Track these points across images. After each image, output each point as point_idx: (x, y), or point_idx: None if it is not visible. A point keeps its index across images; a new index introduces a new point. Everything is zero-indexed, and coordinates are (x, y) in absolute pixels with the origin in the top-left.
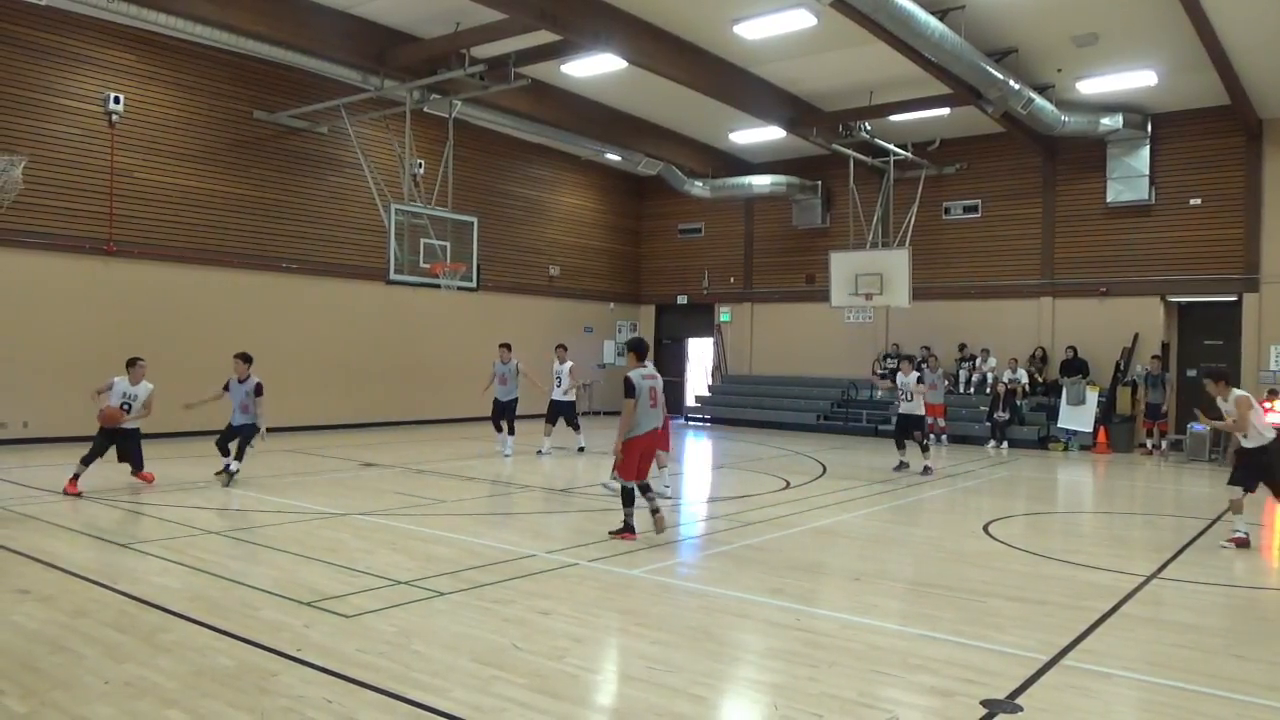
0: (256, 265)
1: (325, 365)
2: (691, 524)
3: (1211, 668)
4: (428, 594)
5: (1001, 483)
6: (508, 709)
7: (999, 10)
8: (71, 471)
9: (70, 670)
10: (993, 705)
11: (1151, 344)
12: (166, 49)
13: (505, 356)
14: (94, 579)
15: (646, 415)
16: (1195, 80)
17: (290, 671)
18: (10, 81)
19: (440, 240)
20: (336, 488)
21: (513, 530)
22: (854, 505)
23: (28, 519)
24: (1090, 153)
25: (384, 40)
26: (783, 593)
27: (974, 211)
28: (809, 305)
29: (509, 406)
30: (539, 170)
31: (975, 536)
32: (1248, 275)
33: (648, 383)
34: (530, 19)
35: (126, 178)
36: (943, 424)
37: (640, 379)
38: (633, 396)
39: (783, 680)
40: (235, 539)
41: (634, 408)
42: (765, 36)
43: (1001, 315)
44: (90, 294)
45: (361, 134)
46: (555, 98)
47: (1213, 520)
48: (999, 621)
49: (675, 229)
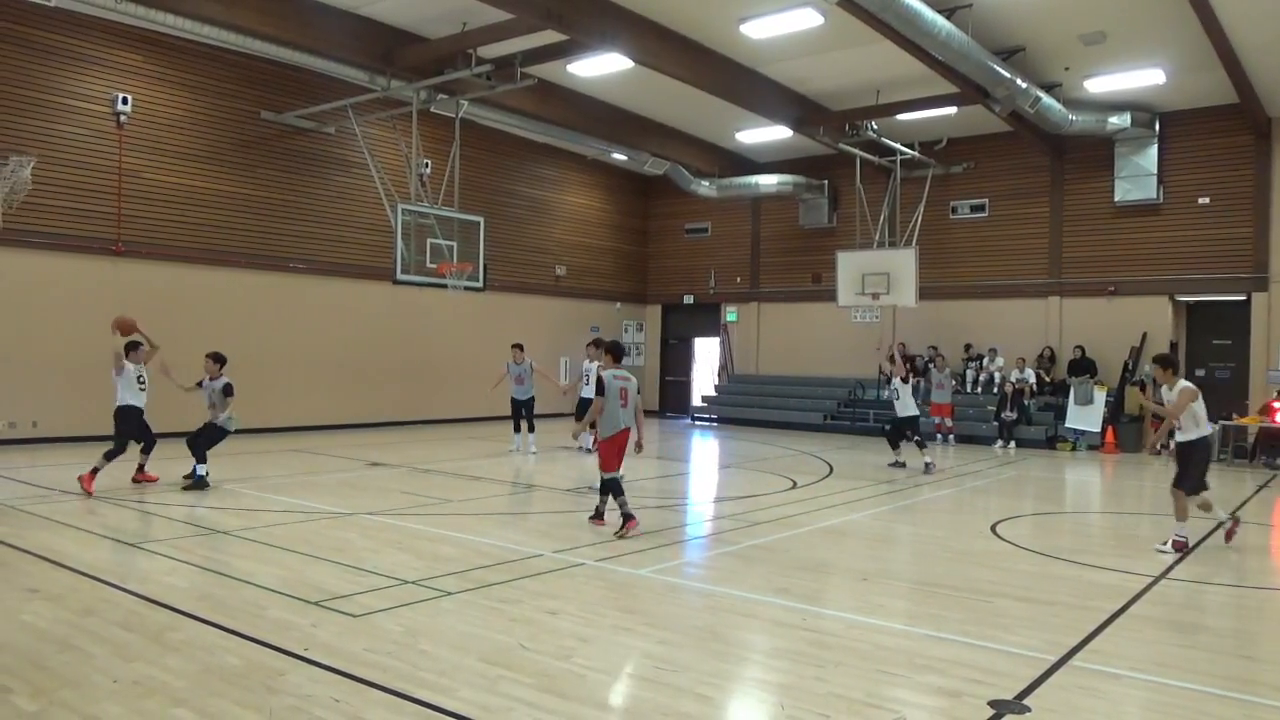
0: (264, 265)
1: (332, 365)
2: (698, 524)
3: (1220, 668)
4: (435, 594)
5: (1009, 483)
6: (515, 708)
7: (1006, 9)
8: (90, 466)
9: (79, 669)
10: (1000, 706)
11: (1160, 343)
12: (174, 50)
13: (519, 357)
14: (102, 578)
15: (617, 414)
16: (1203, 79)
17: (298, 671)
18: (18, 82)
19: (447, 240)
20: (343, 487)
21: (520, 530)
22: (861, 505)
23: (36, 518)
24: (1098, 152)
25: (391, 40)
26: (789, 592)
27: (981, 211)
28: (816, 305)
29: (527, 405)
30: (545, 170)
31: (983, 536)
32: (1256, 274)
33: (618, 383)
34: (537, 19)
35: (134, 178)
36: (950, 424)
37: (612, 379)
38: (602, 394)
39: (789, 680)
40: (243, 539)
41: (601, 406)
42: (772, 36)
43: (1009, 315)
44: (98, 294)
45: (368, 134)
46: (561, 97)
47: (1221, 521)
48: (1006, 622)
49: (682, 229)
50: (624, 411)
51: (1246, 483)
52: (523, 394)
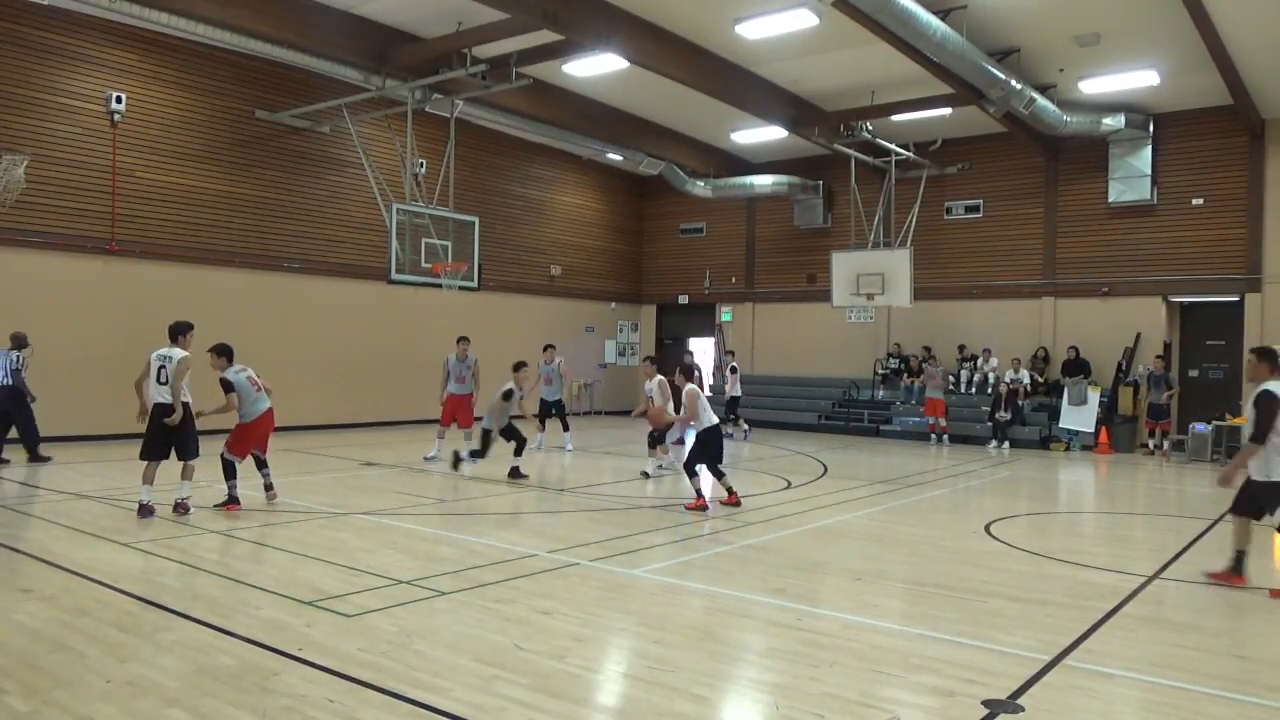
0: (258, 265)
1: (326, 364)
2: (693, 524)
3: (1213, 668)
4: (429, 593)
5: (1003, 483)
6: (509, 709)
7: (1001, 10)
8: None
9: (72, 669)
10: (994, 705)
11: (1154, 344)
12: (169, 48)
13: (550, 357)
14: (96, 578)
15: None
16: (1198, 80)
17: (292, 671)
18: (13, 81)
19: (441, 240)
20: (337, 487)
21: (514, 530)
22: (855, 505)
23: (30, 518)
24: (1092, 153)
25: (386, 40)
26: (784, 592)
27: (976, 211)
28: (810, 305)
29: (556, 405)
30: (540, 170)
31: (977, 536)
32: (1250, 275)
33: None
34: (532, 19)
35: (129, 177)
36: (944, 424)
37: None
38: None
39: (784, 680)
40: (237, 538)
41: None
42: (767, 36)
43: (1003, 315)
44: (92, 293)
45: (363, 133)
46: (557, 97)
47: (1214, 520)
48: (1000, 621)
49: (677, 229)
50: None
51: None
52: (552, 394)
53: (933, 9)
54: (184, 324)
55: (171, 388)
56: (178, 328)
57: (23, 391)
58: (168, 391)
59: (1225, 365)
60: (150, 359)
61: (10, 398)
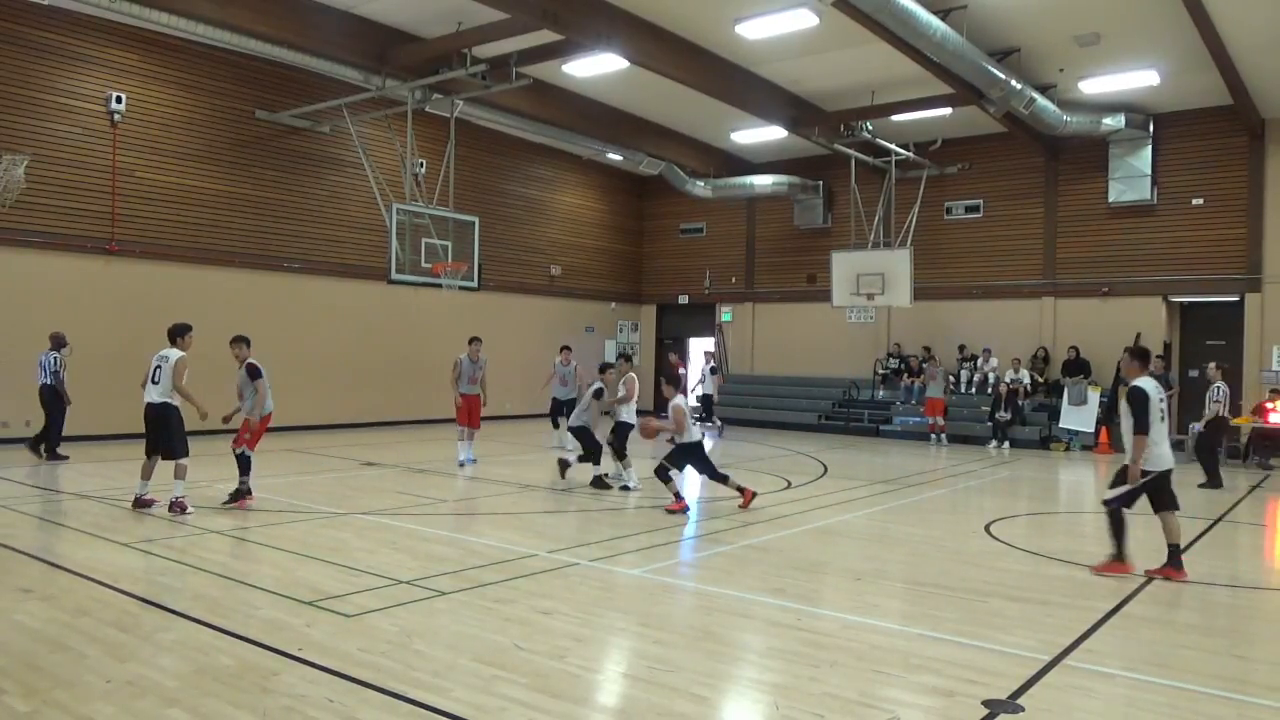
0: (258, 265)
1: (326, 365)
2: (692, 524)
3: (1213, 668)
4: (429, 593)
5: (1003, 483)
6: (509, 709)
7: (1001, 10)
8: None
9: (72, 669)
10: (994, 705)
11: (1154, 344)
12: (169, 49)
13: (566, 358)
14: (96, 578)
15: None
16: (1198, 80)
17: (292, 671)
18: (13, 81)
19: (441, 240)
20: (338, 487)
21: (514, 530)
22: (855, 505)
23: (30, 518)
24: (1092, 153)
25: (386, 40)
26: (784, 592)
27: (976, 211)
28: (811, 305)
29: (569, 405)
30: (540, 170)
31: (977, 536)
32: (1250, 275)
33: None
34: (532, 19)
35: (129, 177)
36: (942, 423)
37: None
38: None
39: (784, 680)
40: (236, 538)
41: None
42: (767, 36)
43: (1003, 315)
44: (92, 293)
45: (363, 134)
46: (557, 97)
47: (1214, 520)
48: (1000, 621)
49: (677, 229)
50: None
51: (1240, 483)
52: (565, 394)
53: (933, 9)
54: (182, 326)
55: (173, 388)
56: (176, 329)
57: (60, 394)
58: (158, 392)
59: (1225, 365)
60: (152, 360)
61: (51, 398)
